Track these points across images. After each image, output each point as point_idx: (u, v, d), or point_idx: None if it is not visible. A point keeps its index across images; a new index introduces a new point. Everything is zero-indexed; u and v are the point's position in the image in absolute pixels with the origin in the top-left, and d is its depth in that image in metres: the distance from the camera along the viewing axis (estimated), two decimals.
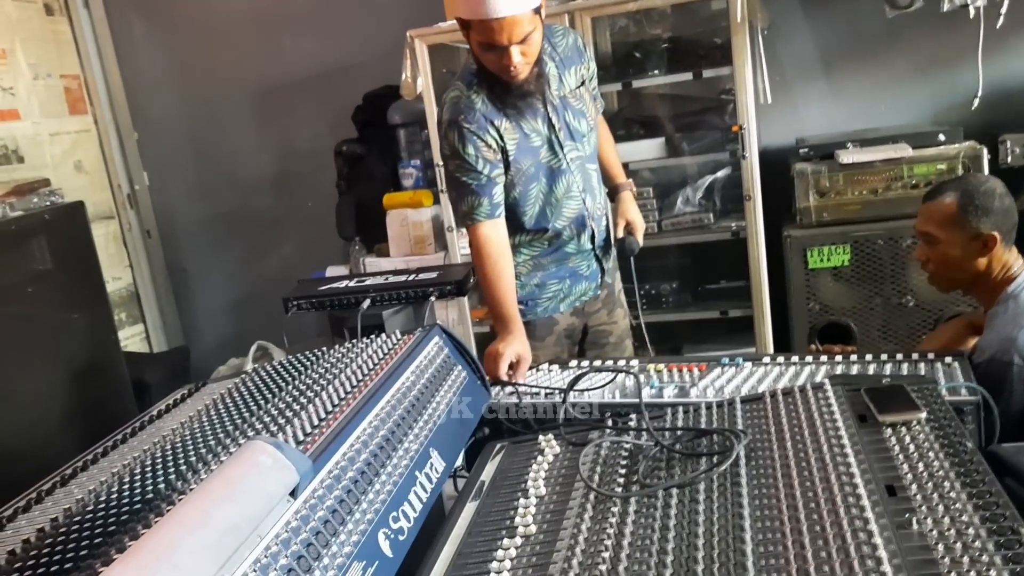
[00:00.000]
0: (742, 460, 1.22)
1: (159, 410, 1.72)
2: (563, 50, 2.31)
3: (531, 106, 2.23)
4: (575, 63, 2.31)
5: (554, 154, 2.29)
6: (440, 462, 1.42)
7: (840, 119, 3.50)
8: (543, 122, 2.27)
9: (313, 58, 3.99)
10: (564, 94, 2.30)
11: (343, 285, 2.32)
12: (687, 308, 3.43)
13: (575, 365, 2.06)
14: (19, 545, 1.12)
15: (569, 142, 2.31)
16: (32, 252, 2.60)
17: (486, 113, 2.20)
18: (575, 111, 2.32)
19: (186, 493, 1.12)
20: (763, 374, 1.76)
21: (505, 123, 2.22)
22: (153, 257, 4.46)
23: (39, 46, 3.87)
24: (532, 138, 2.26)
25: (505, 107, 2.22)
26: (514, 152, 2.25)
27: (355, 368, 1.53)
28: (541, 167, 2.30)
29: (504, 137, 2.22)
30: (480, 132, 2.19)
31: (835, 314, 3.11)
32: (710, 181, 3.37)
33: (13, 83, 3.67)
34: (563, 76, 2.28)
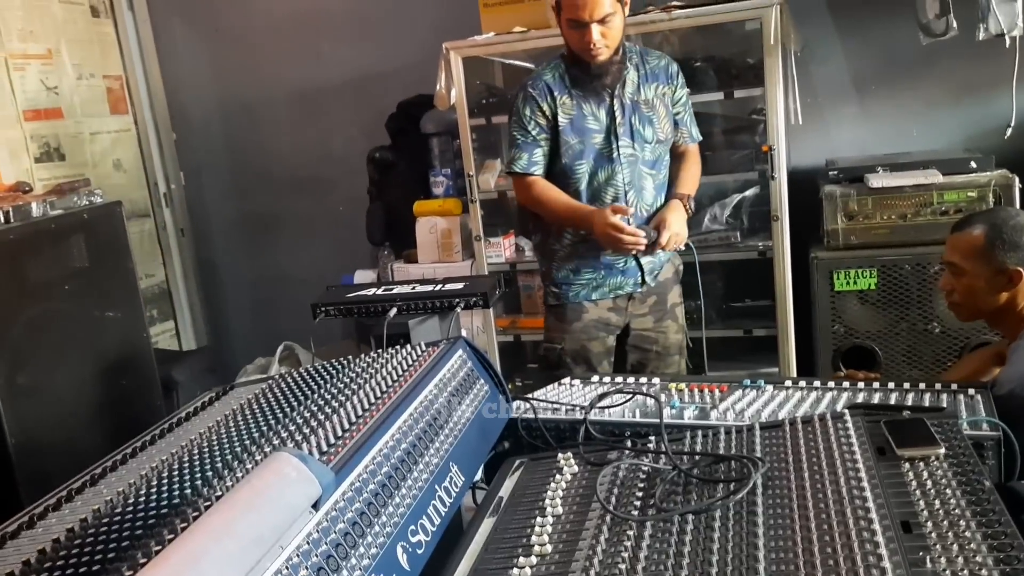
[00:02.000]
0: (759, 488, 1.23)
1: (187, 412, 1.75)
2: (652, 67, 2.63)
3: (598, 93, 2.55)
4: (659, 81, 2.62)
5: (608, 144, 2.57)
6: (460, 476, 1.44)
7: (871, 143, 3.50)
8: (606, 112, 2.57)
9: (350, 65, 4.04)
10: (638, 99, 2.58)
11: (370, 293, 2.35)
12: (711, 325, 3.42)
13: (597, 381, 2.07)
14: (48, 544, 1.15)
15: (626, 139, 2.57)
16: (70, 250, 2.66)
17: (551, 84, 2.58)
18: (643, 116, 2.59)
19: (211, 500, 1.15)
20: (784, 398, 1.76)
21: (565, 98, 2.57)
22: (186, 255, 4.53)
23: (84, 47, 3.95)
24: (589, 120, 2.57)
25: (575, 86, 2.57)
26: (565, 125, 2.56)
27: (380, 379, 1.55)
28: (591, 149, 2.57)
29: (559, 109, 2.56)
30: (539, 97, 2.56)
31: (860, 338, 3.10)
32: (738, 200, 3.38)
33: (58, 82, 3.75)
34: (642, 86, 2.60)
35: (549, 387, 2.06)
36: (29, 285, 2.51)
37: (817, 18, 3.43)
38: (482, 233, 3.48)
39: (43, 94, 3.69)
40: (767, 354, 3.33)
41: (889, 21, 3.34)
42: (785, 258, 3.13)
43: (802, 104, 3.22)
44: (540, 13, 3.40)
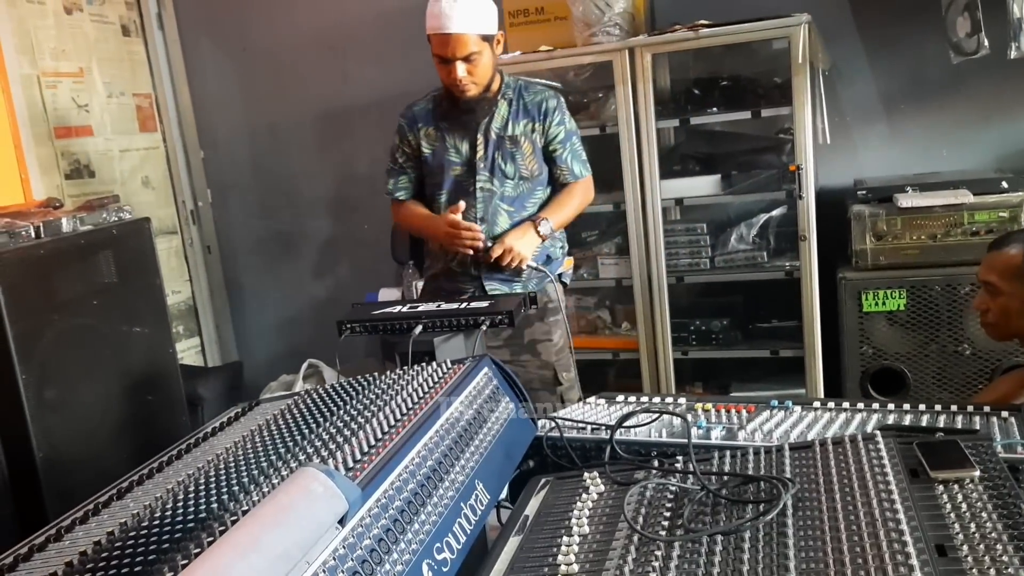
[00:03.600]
0: (789, 510, 1.21)
1: (213, 427, 1.75)
2: (526, 103, 2.69)
3: (465, 126, 2.65)
4: (531, 118, 2.67)
5: (469, 177, 2.66)
6: (485, 494, 1.43)
7: (899, 162, 3.47)
8: (469, 146, 2.65)
9: (375, 85, 4.07)
10: (503, 135, 2.64)
11: (396, 311, 2.35)
12: (737, 346, 3.40)
13: (623, 400, 2.05)
14: (76, 557, 1.15)
15: (485, 173, 2.63)
16: (99, 265, 2.68)
17: (418, 115, 2.71)
18: (506, 152, 2.64)
19: (238, 515, 1.15)
20: (812, 419, 1.74)
21: (430, 129, 2.69)
22: (212, 272, 4.57)
23: (114, 65, 4.01)
24: (451, 152, 2.66)
25: (443, 119, 2.67)
26: (427, 155, 2.70)
27: (405, 396, 1.55)
28: (449, 180, 2.68)
29: (423, 140, 2.69)
30: (406, 127, 2.72)
31: (888, 359, 3.06)
32: (765, 219, 3.36)
33: (88, 100, 3.81)
34: (511, 121, 2.66)
35: (574, 406, 2.05)
36: (58, 300, 2.54)
37: (845, 37, 3.42)
38: None
39: (74, 112, 3.74)
40: (793, 375, 3.30)
41: (918, 40, 3.32)
42: (813, 279, 3.11)
43: (830, 123, 3.20)
44: (565, 31, 3.42)
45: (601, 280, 3.49)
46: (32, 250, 2.45)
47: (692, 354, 3.42)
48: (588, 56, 3.23)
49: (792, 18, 2.96)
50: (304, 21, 4.21)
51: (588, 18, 3.23)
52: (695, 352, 3.41)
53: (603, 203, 3.42)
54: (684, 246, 3.35)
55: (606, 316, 3.64)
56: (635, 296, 3.34)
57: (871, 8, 3.35)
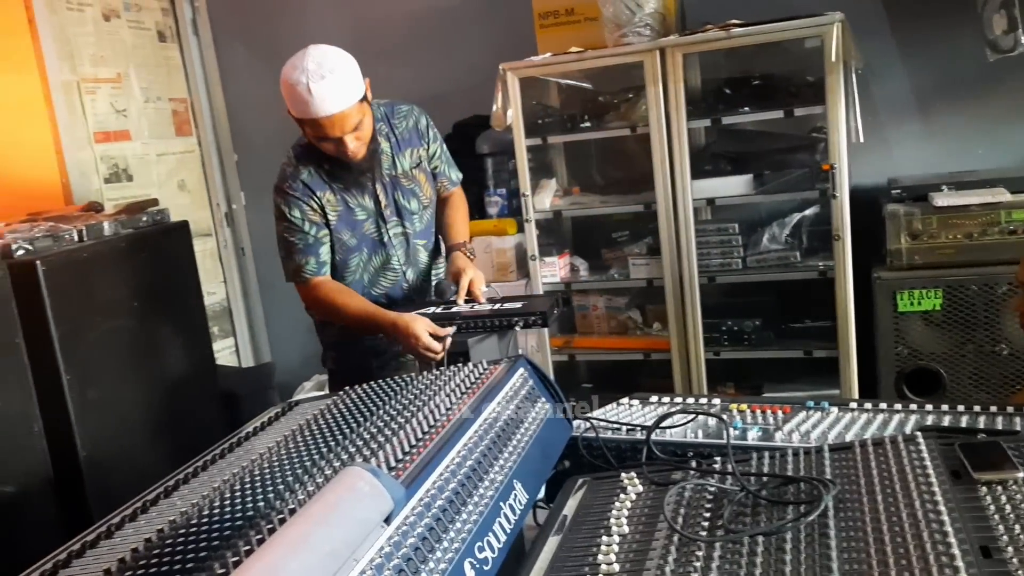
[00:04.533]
0: (830, 511, 1.21)
1: (254, 427, 1.78)
2: (401, 131, 2.49)
3: (359, 183, 2.40)
4: (413, 145, 2.49)
5: (377, 228, 2.45)
6: (523, 494, 1.44)
7: (934, 161, 3.44)
8: (370, 198, 2.43)
9: (406, 87, 4.07)
10: (396, 174, 2.45)
11: (430, 311, 2.37)
12: (770, 346, 3.39)
13: (656, 401, 2.06)
14: (128, 554, 1.18)
15: (394, 219, 2.46)
16: (139, 268, 2.73)
17: (310, 183, 2.37)
18: (405, 191, 2.47)
19: (284, 513, 1.17)
20: (850, 420, 1.73)
21: (329, 195, 2.38)
22: (245, 274, 4.61)
23: (151, 71, 4.07)
24: (356, 212, 2.42)
25: (334, 180, 2.38)
26: (335, 222, 2.40)
27: (444, 396, 1.56)
28: (364, 239, 2.45)
29: (326, 208, 2.38)
30: (303, 198, 2.36)
31: (924, 359, 3.04)
32: (797, 219, 3.34)
33: (126, 105, 3.87)
34: (397, 157, 2.46)
35: (608, 407, 2.06)
36: (100, 302, 2.59)
37: (878, 35, 3.39)
38: (537, 252, 3.49)
39: (112, 117, 3.80)
40: (826, 376, 3.28)
41: (953, 37, 3.29)
42: (847, 278, 3.09)
43: (863, 121, 3.18)
44: (595, 33, 3.42)
45: (632, 280, 3.48)
46: (75, 253, 2.50)
47: (724, 354, 3.41)
48: (619, 57, 3.23)
49: (825, 17, 2.94)
50: (334, 24, 4.24)
51: (619, 19, 3.23)
52: (727, 352, 3.40)
53: (634, 203, 3.43)
54: (716, 246, 3.34)
55: (637, 316, 3.64)
56: (667, 296, 3.34)
57: (904, 5, 3.32)
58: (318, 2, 4.27)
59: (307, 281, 2.43)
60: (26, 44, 3.35)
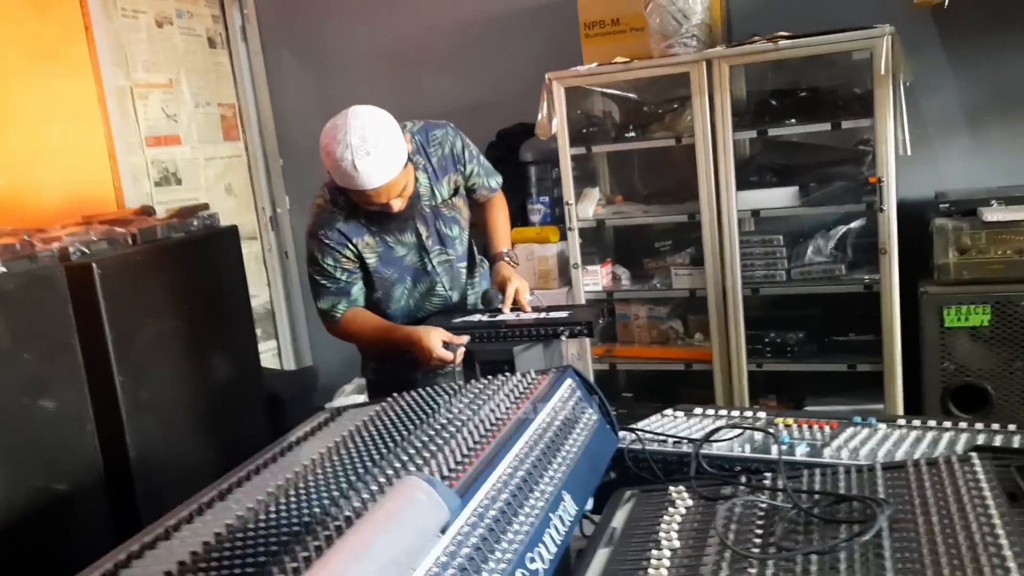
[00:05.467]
0: (885, 531, 1.20)
1: (304, 432, 1.81)
2: (437, 160, 2.41)
3: (399, 219, 2.32)
4: (449, 172, 2.44)
5: (421, 259, 2.43)
6: (572, 506, 1.44)
7: (982, 175, 3.40)
8: (412, 233, 2.39)
9: (451, 95, 4.13)
10: (436, 204, 2.41)
11: (475, 320, 2.39)
12: (812, 359, 3.36)
13: (700, 413, 2.06)
14: (188, 556, 1.20)
15: (437, 247, 2.44)
16: (190, 272, 2.78)
17: (346, 231, 2.31)
18: (447, 219, 2.45)
19: (339, 520, 1.18)
20: (898, 438, 1.72)
21: (367, 238, 2.34)
22: (288, 277, 4.67)
23: (201, 76, 4.14)
24: (397, 249, 2.39)
25: (371, 224, 2.32)
26: (375, 263, 2.37)
27: (493, 406, 1.58)
28: (407, 270, 2.43)
29: (364, 252, 2.34)
30: (338, 247, 2.31)
31: (971, 376, 3.00)
32: (842, 232, 3.31)
33: (177, 110, 3.94)
34: (435, 187, 2.41)
35: (653, 418, 2.06)
36: (153, 304, 2.64)
37: (927, 47, 3.35)
38: (580, 261, 3.50)
39: (163, 121, 3.88)
40: (869, 389, 3.25)
41: (1005, 51, 3.26)
42: (893, 292, 3.06)
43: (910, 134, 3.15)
44: (641, 43, 3.43)
45: (675, 290, 3.48)
46: (129, 256, 2.56)
47: (766, 366, 3.39)
48: (665, 68, 3.23)
49: (875, 30, 2.92)
50: (381, 32, 4.29)
51: (665, 30, 3.23)
52: (769, 365, 3.38)
53: (677, 213, 3.42)
54: (759, 257, 3.32)
55: (678, 326, 3.63)
56: (709, 307, 3.33)
57: (954, 18, 3.28)
58: (364, 11, 4.32)
59: (336, 320, 2.42)
60: (82, 50, 3.43)
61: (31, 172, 3.15)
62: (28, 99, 3.16)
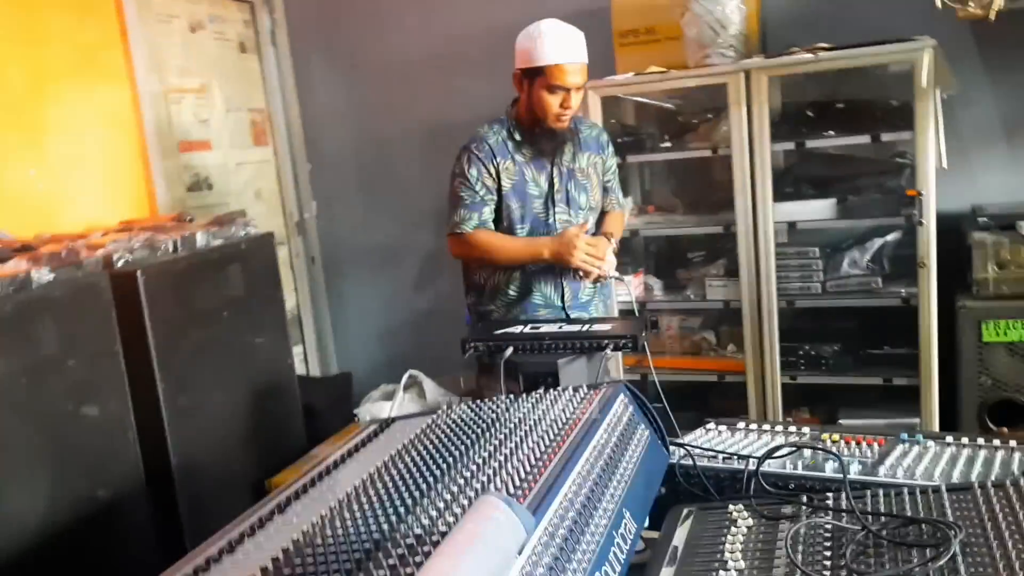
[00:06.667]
0: (959, 556, 1.19)
1: (356, 444, 1.80)
2: (585, 137, 2.75)
3: (539, 159, 2.65)
4: (591, 151, 2.75)
5: (546, 210, 2.66)
6: (632, 523, 1.44)
7: (1021, 188, 3.38)
8: (546, 179, 2.66)
9: (484, 101, 4.09)
10: (573, 167, 2.69)
11: (518, 331, 2.38)
12: (847, 372, 3.35)
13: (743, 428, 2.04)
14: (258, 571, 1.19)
15: (563, 205, 2.66)
16: (229, 279, 2.78)
17: (495, 147, 2.65)
18: (578, 183, 2.69)
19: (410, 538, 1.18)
20: (952, 456, 1.70)
21: (508, 163, 2.64)
22: (315, 283, 4.68)
23: (232, 82, 4.16)
24: (530, 186, 2.66)
25: (518, 151, 2.64)
26: (508, 189, 2.64)
27: (551, 420, 1.57)
28: (530, 214, 2.66)
29: (502, 174, 2.63)
30: (485, 159, 2.63)
31: (1008, 391, 2.99)
32: (879, 244, 3.30)
33: (208, 115, 3.95)
34: (577, 154, 2.71)
35: (697, 432, 2.05)
36: (193, 311, 2.64)
37: (966, 60, 3.34)
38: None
39: (196, 126, 3.89)
40: (903, 403, 3.24)
41: None
42: (931, 306, 3.05)
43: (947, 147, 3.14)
44: (675, 52, 3.42)
45: (708, 301, 3.47)
46: (171, 264, 2.56)
47: (800, 379, 3.37)
48: (703, 78, 3.23)
49: (917, 43, 2.91)
50: (413, 38, 4.30)
51: (702, 39, 3.23)
52: (804, 377, 3.37)
53: (712, 224, 3.42)
54: (795, 269, 3.31)
55: (711, 337, 3.62)
56: (744, 319, 3.32)
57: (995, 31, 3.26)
58: (395, 16, 4.32)
59: (463, 234, 2.67)
60: (118, 55, 3.45)
61: (68, 177, 3.17)
62: (66, 104, 3.17)
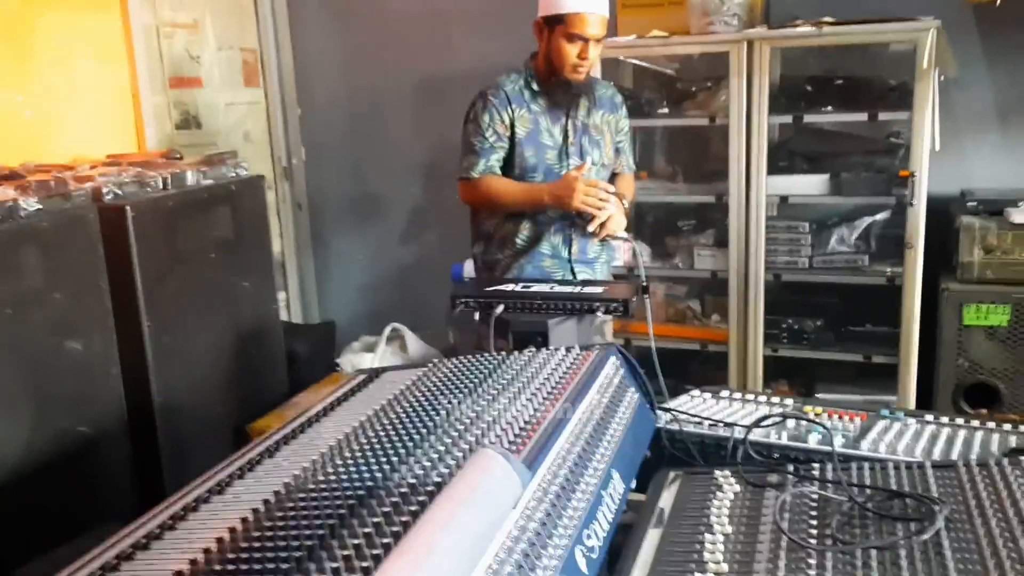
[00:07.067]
0: (943, 530, 1.22)
1: (344, 392, 1.80)
2: (600, 95, 2.76)
3: (555, 111, 2.66)
4: (605, 109, 2.77)
5: (559, 162, 2.68)
6: (620, 483, 1.45)
7: (1010, 174, 3.41)
8: (560, 131, 2.68)
9: (478, 55, 4.06)
10: (587, 123, 2.71)
11: (509, 289, 2.38)
12: (828, 348, 3.38)
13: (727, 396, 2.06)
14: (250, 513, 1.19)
15: (576, 159, 2.68)
16: (218, 219, 2.75)
17: (511, 94, 2.66)
18: (592, 139, 2.71)
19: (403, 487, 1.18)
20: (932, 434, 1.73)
21: (524, 111, 2.66)
22: (300, 230, 4.64)
23: (225, 19, 4.07)
24: (544, 136, 2.68)
25: (534, 101, 2.66)
26: (522, 138, 2.65)
27: (544, 379, 1.58)
28: (543, 164, 2.67)
29: (517, 122, 2.65)
30: (500, 106, 2.64)
31: (985, 374, 3.03)
32: (867, 223, 3.32)
33: (200, 52, 3.87)
34: (591, 110, 2.72)
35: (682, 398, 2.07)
36: (181, 251, 2.62)
37: (966, 43, 3.33)
38: None
39: (186, 63, 3.81)
40: (879, 380, 3.28)
41: None
42: (916, 287, 3.07)
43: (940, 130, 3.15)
44: (678, 18, 3.39)
45: (696, 271, 3.48)
46: (161, 201, 2.53)
47: (782, 352, 3.40)
48: (706, 45, 3.20)
49: (921, 22, 2.90)
50: None
51: (707, 6, 3.20)
52: (785, 351, 3.40)
53: (704, 194, 3.42)
54: (784, 243, 3.33)
55: (696, 306, 3.63)
56: (730, 290, 3.33)
57: (998, 16, 3.26)
58: None
59: (471, 179, 2.67)
60: None
61: (56, 106, 3.10)
62: (56, 31, 3.09)
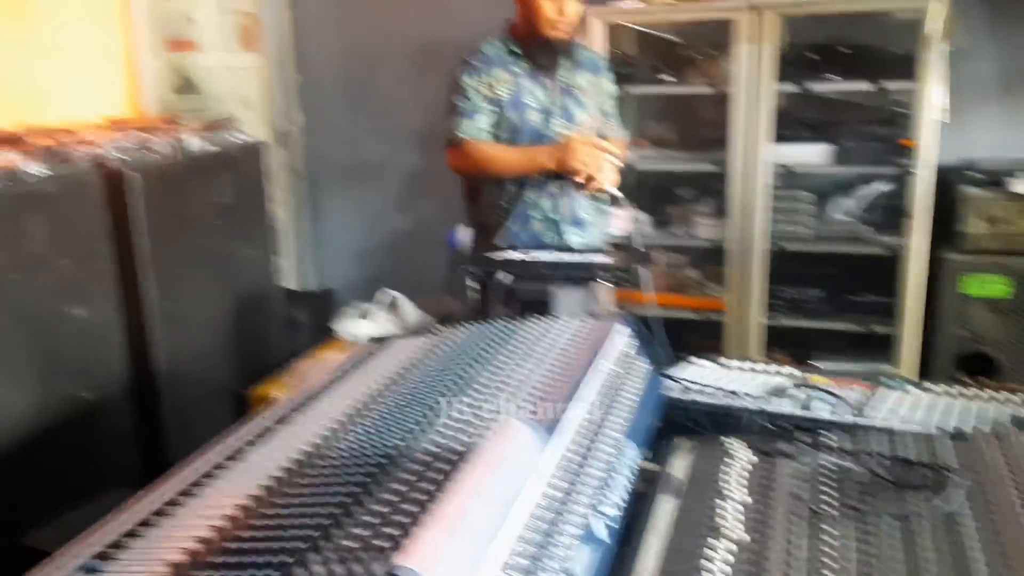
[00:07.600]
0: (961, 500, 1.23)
1: (354, 361, 1.79)
2: (583, 58, 2.77)
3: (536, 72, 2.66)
4: (588, 72, 2.77)
5: (545, 122, 2.67)
6: (634, 452, 1.46)
7: (1012, 145, 3.40)
8: (543, 91, 2.67)
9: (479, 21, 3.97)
10: (570, 84, 2.70)
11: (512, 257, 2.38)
12: (826, 317, 3.39)
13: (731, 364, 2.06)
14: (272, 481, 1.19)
15: (560, 120, 2.67)
16: (220, 186, 2.73)
17: (492, 56, 2.68)
18: (576, 100, 2.72)
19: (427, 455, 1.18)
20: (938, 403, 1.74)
21: (506, 74, 2.66)
22: (297, 196, 4.61)
23: None
24: (527, 97, 2.67)
25: (516, 63, 2.66)
26: (506, 99, 2.65)
27: (560, 349, 1.58)
28: (527, 126, 2.67)
29: (497, 85, 2.65)
30: (481, 69, 2.66)
31: (983, 345, 3.05)
32: (870, 193, 3.31)
33: (198, 15, 3.81)
34: (574, 71, 2.73)
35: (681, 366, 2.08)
36: (184, 216, 2.59)
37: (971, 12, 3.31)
38: None
39: (184, 25, 3.75)
40: (876, 350, 3.30)
41: None
42: (917, 257, 3.08)
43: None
44: None
45: (696, 240, 3.48)
46: (164, 166, 2.50)
47: (781, 321, 3.41)
48: (713, 12, 3.17)
49: None
50: None
51: None
52: (785, 320, 3.41)
53: (706, 162, 3.40)
54: (785, 212, 3.32)
55: (694, 275, 3.63)
56: (730, 260, 3.33)
57: None
58: None
59: (460, 142, 2.65)
60: None
61: (51, 69, 3.05)
62: None
